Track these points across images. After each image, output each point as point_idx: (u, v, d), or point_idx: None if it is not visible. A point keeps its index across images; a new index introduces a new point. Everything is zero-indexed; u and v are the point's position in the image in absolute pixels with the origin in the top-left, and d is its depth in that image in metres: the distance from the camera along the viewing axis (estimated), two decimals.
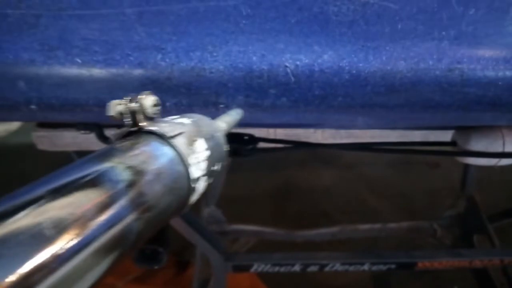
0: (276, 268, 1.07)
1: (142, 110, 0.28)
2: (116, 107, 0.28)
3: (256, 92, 0.49)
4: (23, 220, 0.18)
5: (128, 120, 0.28)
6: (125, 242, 0.22)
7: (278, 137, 0.72)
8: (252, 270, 1.08)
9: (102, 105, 0.50)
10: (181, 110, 0.51)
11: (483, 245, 1.46)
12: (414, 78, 0.48)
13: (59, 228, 0.18)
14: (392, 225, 1.81)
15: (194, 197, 0.30)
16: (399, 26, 0.47)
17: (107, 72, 0.48)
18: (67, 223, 0.19)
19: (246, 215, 1.81)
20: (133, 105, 0.28)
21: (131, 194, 0.23)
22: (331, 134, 0.71)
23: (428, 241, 1.75)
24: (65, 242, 0.18)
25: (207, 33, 0.47)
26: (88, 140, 0.69)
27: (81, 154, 0.75)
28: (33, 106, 0.51)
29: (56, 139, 0.71)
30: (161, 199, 0.25)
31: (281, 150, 0.69)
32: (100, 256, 0.20)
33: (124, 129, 0.29)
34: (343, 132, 0.71)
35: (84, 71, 0.48)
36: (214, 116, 0.55)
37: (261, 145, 0.69)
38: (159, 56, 0.48)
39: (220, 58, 0.48)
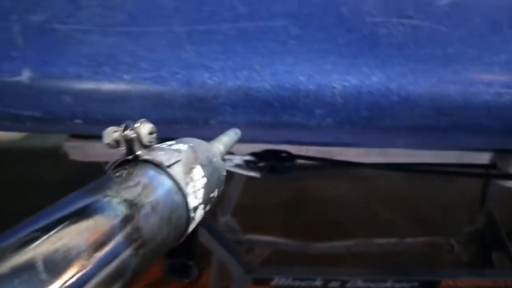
0: (297, 283, 1.06)
1: (138, 138, 0.27)
2: (112, 134, 0.28)
3: (302, 112, 0.49)
4: (15, 262, 0.17)
5: (123, 148, 0.27)
6: (120, 279, 0.21)
7: (310, 153, 0.71)
8: (273, 283, 1.07)
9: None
10: (225, 128, 0.50)
11: (502, 263, 1.43)
12: (463, 102, 0.47)
13: (54, 270, 0.18)
14: (408, 239, 1.79)
15: (191, 226, 0.29)
16: (450, 50, 0.46)
17: (154, 89, 0.48)
18: (62, 265, 0.18)
19: (258, 224, 1.80)
20: (129, 133, 0.27)
21: (127, 229, 0.22)
22: (364, 152, 0.70)
23: (444, 257, 1.72)
24: (59, 285, 0.18)
25: (255, 53, 0.47)
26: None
27: None
28: (77, 121, 0.51)
29: (88, 150, 0.72)
30: (158, 232, 0.25)
31: (318, 168, 0.68)
32: None
33: (120, 158, 0.28)
34: (376, 149, 0.71)
35: (131, 88, 0.49)
36: (259, 134, 0.55)
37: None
38: (207, 74, 0.48)
39: (267, 77, 0.47)
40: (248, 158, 0.62)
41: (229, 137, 0.40)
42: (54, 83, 0.49)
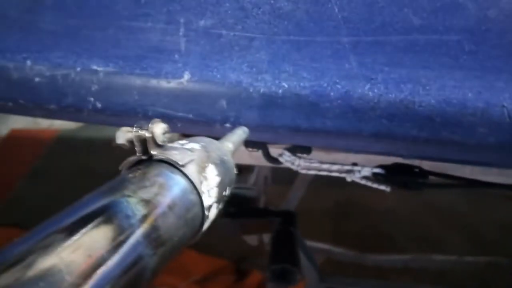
0: None
1: (152, 137, 0.27)
2: (126, 134, 0.28)
3: (463, 130, 0.47)
4: (39, 264, 0.17)
5: (138, 148, 0.28)
6: (140, 279, 0.21)
7: (425, 167, 0.69)
8: None
9: (297, 130, 0.50)
10: (379, 141, 0.50)
11: None
12: None
13: (77, 273, 0.18)
14: (468, 258, 1.73)
15: (206, 225, 0.29)
16: None
17: (310, 98, 0.48)
18: (84, 267, 0.18)
19: (306, 231, 1.78)
20: (143, 133, 0.27)
21: (146, 229, 0.23)
22: (481, 170, 0.68)
23: (505, 279, 1.65)
24: (82, 287, 0.18)
25: (422, 66, 0.46)
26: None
27: None
28: (227, 125, 0.51)
29: None
30: (175, 231, 0.25)
31: (451, 186, 0.66)
32: None
33: (134, 158, 0.28)
34: (495, 169, 0.68)
35: (287, 96, 0.49)
36: (404, 148, 0.54)
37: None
38: (368, 86, 0.47)
39: (433, 92, 0.46)
40: (377, 170, 0.61)
41: (238, 135, 0.39)
42: (212, 87, 0.50)
